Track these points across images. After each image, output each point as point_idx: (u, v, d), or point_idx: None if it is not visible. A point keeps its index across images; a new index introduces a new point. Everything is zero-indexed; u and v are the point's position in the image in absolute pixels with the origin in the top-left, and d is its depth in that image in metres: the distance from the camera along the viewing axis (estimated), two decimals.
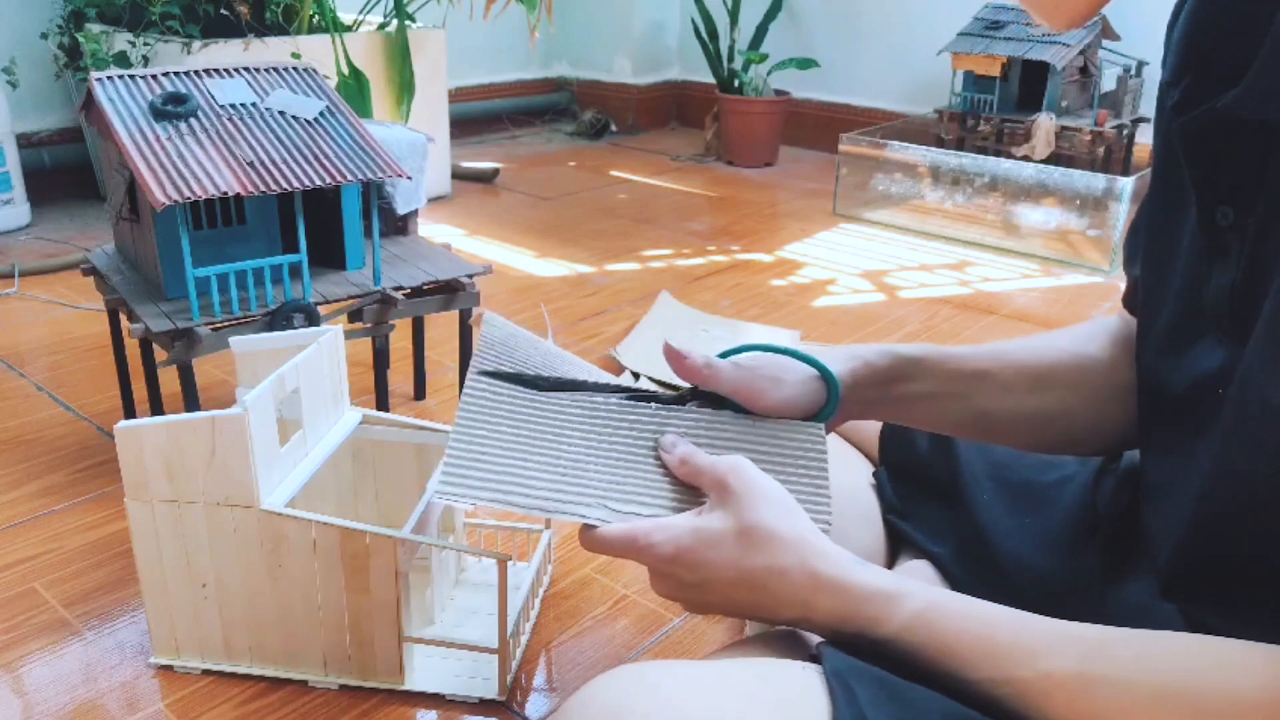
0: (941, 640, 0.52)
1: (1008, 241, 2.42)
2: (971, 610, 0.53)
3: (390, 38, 2.45)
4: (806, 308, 2.00)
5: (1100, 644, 0.50)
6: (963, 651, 0.51)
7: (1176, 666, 0.48)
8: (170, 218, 1.16)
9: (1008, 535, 0.76)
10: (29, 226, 2.38)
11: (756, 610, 0.57)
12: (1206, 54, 0.54)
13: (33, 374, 1.64)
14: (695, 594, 0.58)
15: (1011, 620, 0.52)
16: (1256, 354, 0.47)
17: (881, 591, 0.54)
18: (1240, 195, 0.50)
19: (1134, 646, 0.49)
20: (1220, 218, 0.52)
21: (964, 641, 0.51)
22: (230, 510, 0.91)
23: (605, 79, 3.69)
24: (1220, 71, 0.51)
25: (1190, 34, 0.56)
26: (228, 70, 1.29)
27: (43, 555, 1.17)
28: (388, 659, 0.95)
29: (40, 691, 0.96)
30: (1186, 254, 0.57)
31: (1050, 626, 0.51)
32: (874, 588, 0.54)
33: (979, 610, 0.53)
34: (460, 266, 1.37)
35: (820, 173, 3.07)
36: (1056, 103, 2.60)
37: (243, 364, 1.02)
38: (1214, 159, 0.53)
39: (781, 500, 0.58)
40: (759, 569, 0.56)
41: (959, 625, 0.52)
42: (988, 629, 0.51)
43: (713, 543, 0.57)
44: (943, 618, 0.53)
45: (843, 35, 3.30)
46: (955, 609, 0.53)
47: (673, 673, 0.49)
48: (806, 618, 0.55)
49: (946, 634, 0.52)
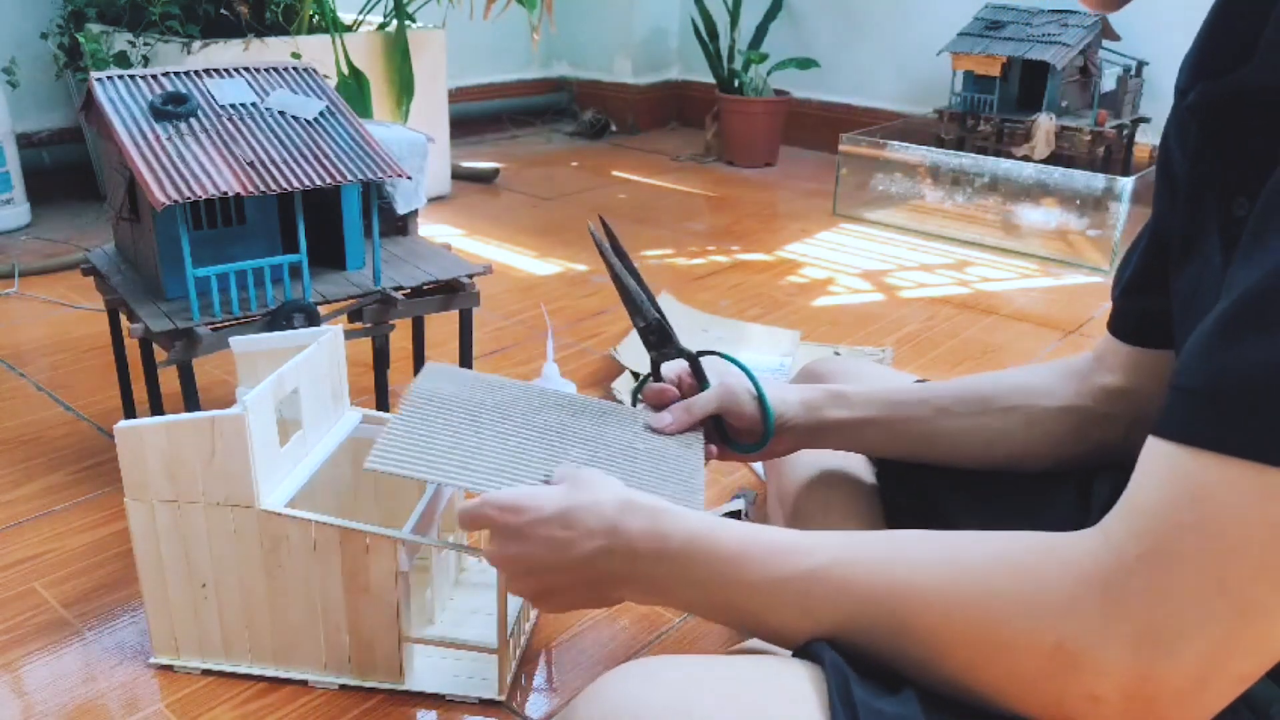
0: (724, 545, 0.57)
1: (1007, 241, 2.42)
2: (752, 527, 0.58)
3: (390, 38, 2.45)
4: (806, 308, 2.00)
5: (860, 536, 0.55)
6: (749, 554, 0.56)
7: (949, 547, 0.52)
8: (170, 218, 1.16)
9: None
10: (29, 226, 2.38)
11: (563, 549, 0.62)
12: (1219, 55, 0.56)
13: (33, 374, 1.64)
14: (516, 545, 0.64)
15: (783, 531, 0.58)
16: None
17: (672, 508, 0.61)
18: (1255, 184, 0.51)
19: (890, 537, 0.54)
20: (1237, 209, 0.53)
21: (745, 546, 0.56)
22: (230, 510, 0.91)
23: (605, 79, 3.69)
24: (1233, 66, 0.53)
25: (1206, 44, 0.58)
26: (228, 70, 1.29)
27: (43, 555, 1.17)
28: (388, 659, 0.95)
29: (40, 691, 0.96)
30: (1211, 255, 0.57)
31: (820, 533, 0.57)
32: (668, 505, 0.61)
33: (758, 527, 0.58)
34: (460, 266, 1.37)
35: (820, 173, 3.07)
36: (1056, 103, 2.59)
37: (243, 364, 1.02)
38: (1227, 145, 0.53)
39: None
40: (575, 504, 0.63)
41: (741, 532, 0.58)
42: (764, 532, 0.57)
43: (539, 492, 0.66)
44: (728, 526, 0.58)
45: (843, 35, 3.30)
46: (741, 524, 0.59)
47: (681, 667, 0.50)
48: (609, 545, 0.61)
49: (729, 539, 0.57)
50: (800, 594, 0.53)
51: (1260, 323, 0.42)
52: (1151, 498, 0.44)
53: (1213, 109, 0.55)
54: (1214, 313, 0.44)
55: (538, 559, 0.63)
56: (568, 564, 0.62)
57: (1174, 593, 0.43)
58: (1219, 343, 0.43)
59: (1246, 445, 0.41)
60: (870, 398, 0.83)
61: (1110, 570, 0.44)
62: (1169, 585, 0.43)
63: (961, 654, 0.48)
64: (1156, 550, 0.43)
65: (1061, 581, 0.46)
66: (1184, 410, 0.44)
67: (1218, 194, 0.55)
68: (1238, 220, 0.52)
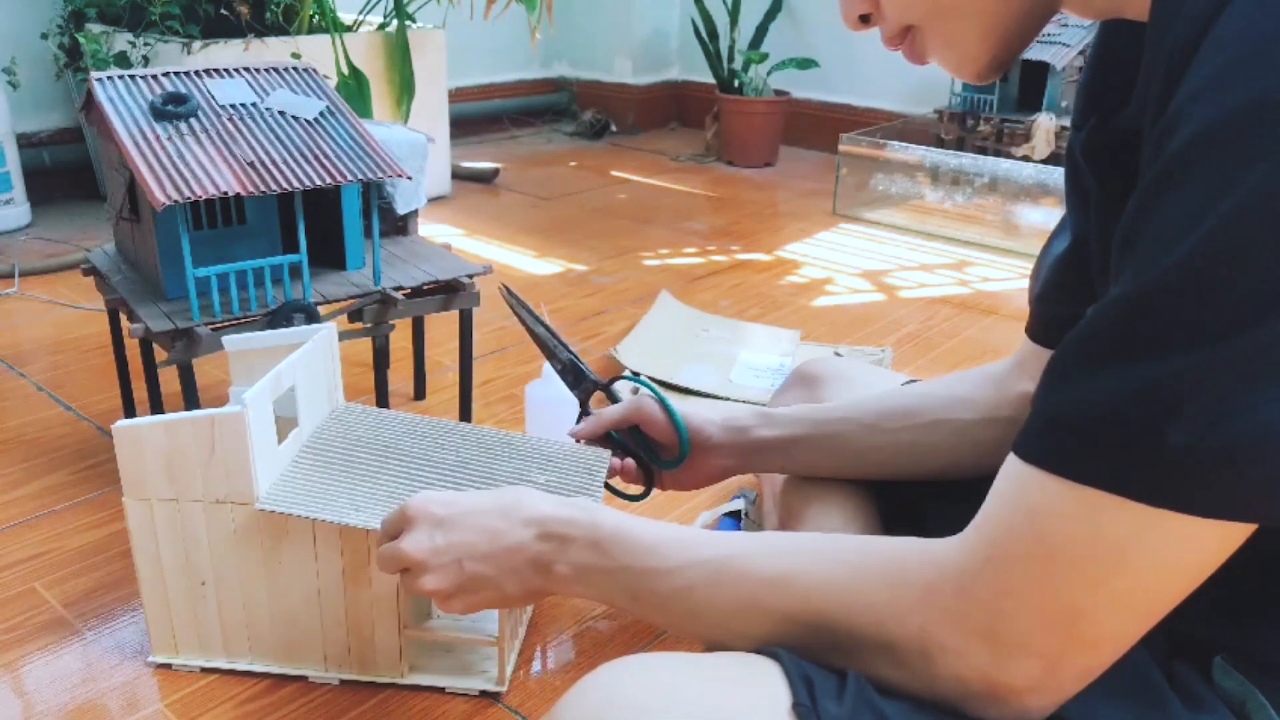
0: (647, 533, 0.61)
1: (1007, 241, 2.42)
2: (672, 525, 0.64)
3: (390, 38, 2.46)
4: (806, 308, 2.00)
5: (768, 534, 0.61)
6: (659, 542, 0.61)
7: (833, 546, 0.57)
8: (170, 218, 1.16)
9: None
10: (29, 226, 2.39)
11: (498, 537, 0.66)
12: (1103, 94, 0.61)
13: (33, 374, 1.64)
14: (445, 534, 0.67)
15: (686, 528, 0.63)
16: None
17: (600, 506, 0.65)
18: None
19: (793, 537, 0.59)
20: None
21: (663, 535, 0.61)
22: (230, 508, 0.91)
23: (605, 79, 3.69)
24: (1116, 105, 0.57)
25: (1089, 82, 0.63)
26: (228, 70, 1.29)
27: (43, 555, 1.17)
28: (388, 653, 0.95)
29: (40, 691, 0.96)
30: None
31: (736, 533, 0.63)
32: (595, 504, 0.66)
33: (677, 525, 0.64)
34: (460, 266, 1.37)
35: (820, 173, 3.07)
36: (1056, 103, 2.60)
37: (236, 363, 1.02)
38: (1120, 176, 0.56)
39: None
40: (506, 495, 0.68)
41: (662, 525, 0.63)
42: (683, 529, 0.62)
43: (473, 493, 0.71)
44: (650, 521, 0.63)
45: (843, 35, 3.29)
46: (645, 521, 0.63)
47: (668, 664, 0.51)
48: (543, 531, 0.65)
49: (651, 528, 0.62)
50: (707, 577, 0.57)
51: (1091, 357, 0.45)
52: (1001, 509, 0.49)
53: (1101, 147, 0.59)
54: (1065, 339, 0.48)
55: (468, 546, 0.66)
56: (498, 551, 0.65)
57: (1014, 598, 0.47)
58: (1062, 371, 0.47)
59: (1078, 470, 0.45)
60: (796, 416, 0.87)
61: (962, 570, 0.49)
62: (1010, 591, 0.47)
63: (844, 635, 0.53)
64: (1001, 558, 0.48)
65: (922, 573, 0.51)
66: (1033, 432, 0.48)
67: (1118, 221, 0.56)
68: None
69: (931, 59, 0.60)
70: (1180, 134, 0.43)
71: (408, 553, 0.68)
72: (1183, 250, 0.41)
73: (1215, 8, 0.43)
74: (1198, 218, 0.41)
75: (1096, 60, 0.62)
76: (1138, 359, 0.43)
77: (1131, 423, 0.43)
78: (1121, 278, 0.45)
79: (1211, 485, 0.42)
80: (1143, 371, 0.43)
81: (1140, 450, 0.43)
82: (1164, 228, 0.43)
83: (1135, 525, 0.44)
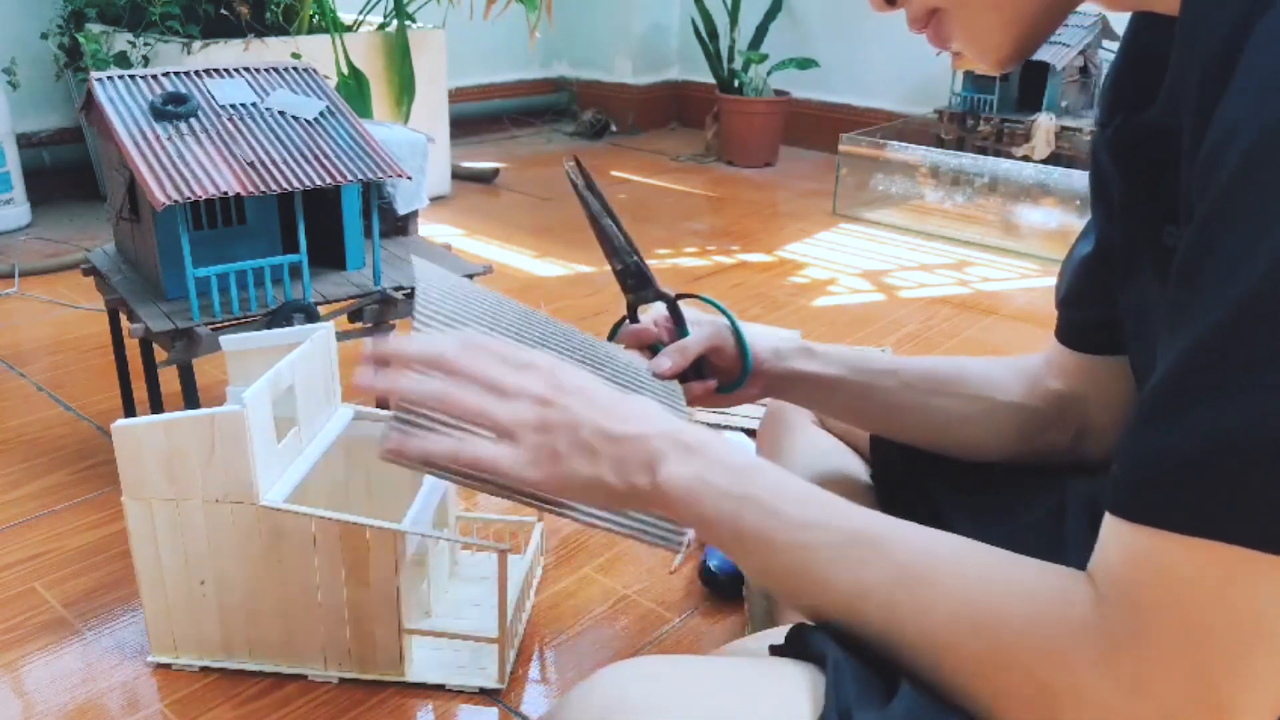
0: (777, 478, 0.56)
1: (1007, 241, 2.42)
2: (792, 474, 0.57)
3: (390, 38, 2.46)
4: (806, 308, 2.00)
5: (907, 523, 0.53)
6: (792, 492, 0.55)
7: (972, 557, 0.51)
8: (170, 218, 1.16)
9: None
10: (29, 226, 2.39)
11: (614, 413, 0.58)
12: (1131, 92, 0.58)
13: (33, 374, 1.64)
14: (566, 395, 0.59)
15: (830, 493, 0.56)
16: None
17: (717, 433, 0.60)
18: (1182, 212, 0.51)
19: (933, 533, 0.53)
20: (1166, 238, 0.54)
21: (794, 485, 0.55)
22: (229, 507, 0.91)
23: (605, 79, 3.69)
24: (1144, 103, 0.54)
25: (1117, 79, 0.61)
26: (228, 70, 1.30)
27: (43, 555, 1.17)
28: (388, 651, 0.95)
29: (40, 691, 0.96)
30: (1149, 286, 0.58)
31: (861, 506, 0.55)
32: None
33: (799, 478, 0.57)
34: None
35: (820, 173, 3.07)
36: (1056, 103, 2.60)
37: (234, 363, 1.02)
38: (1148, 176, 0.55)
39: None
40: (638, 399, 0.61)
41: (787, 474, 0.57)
42: (811, 485, 0.56)
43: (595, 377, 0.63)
44: (775, 467, 0.57)
45: (843, 35, 3.30)
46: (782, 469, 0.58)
47: (673, 666, 0.50)
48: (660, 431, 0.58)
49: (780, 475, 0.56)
50: (835, 545, 0.53)
51: (1178, 402, 0.42)
52: (1121, 570, 0.45)
53: (1129, 144, 0.57)
54: (1149, 387, 0.44)
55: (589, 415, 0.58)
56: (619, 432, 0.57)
57: (1156, 673, 0.43)
58: (1144, 422, 0.44)
59: (1189, 521, 0.41)
60: (838, 357, 0.84)
61: (1103, 630, 0.45)
62: (1150, 660, 0.43)
63: (957, 660, 0.49)
64: (1138, 622, 0.44)
65: (1063, 629, 0.46)
66: (1125, 486, 0.44)
67: (1146, 221, 0.55)
68: (1168, 249, 0.53)
69: (954, 45, 0.59)
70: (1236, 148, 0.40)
71: (523, 387, 0.59)
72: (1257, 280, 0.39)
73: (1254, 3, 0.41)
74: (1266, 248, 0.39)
75: (1125, 57, 0.61)
76: (1228, 395, 0.40)
77: (1233, 464, 0.40)
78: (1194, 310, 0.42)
79: None
80: (1238, 410, 0.40)
81: (1252, 493, 0.40)
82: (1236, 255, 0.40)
83: (1268, 582, 0.40)
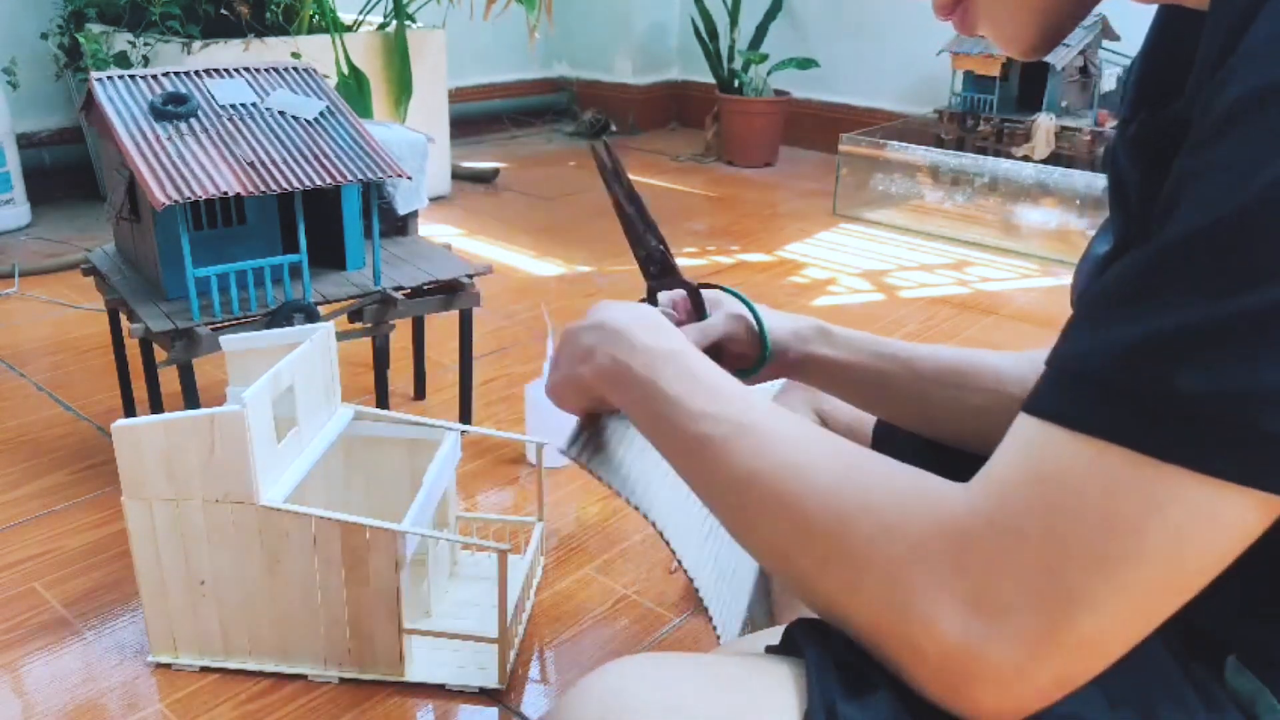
0: (690, 368, 0.59)
1: (1007, 241, 2.42)
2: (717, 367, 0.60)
3: (390, 38, 2.46)
4: (806, 308, 2.00)
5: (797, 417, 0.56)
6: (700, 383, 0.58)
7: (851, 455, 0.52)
8: (170, 218, 1.16)
9: None
10: (29, 226, 2.39)
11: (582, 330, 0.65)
12: (1157, 86, 0.58)
13: (33, 374, 1.64)
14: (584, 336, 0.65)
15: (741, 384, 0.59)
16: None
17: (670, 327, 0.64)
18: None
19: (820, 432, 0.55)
20: None
21: (704, 377, 0.59)
22: (229, 507, 0.91)
23: (605, 79, 3.69)
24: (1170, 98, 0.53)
25: (1143, 73, 0.60)
26: (228, 70, 1.29)
27: (43, 555, 1.17)
28: (388, 651, 0.95)
29: (40, 691, 0.96)
30: None
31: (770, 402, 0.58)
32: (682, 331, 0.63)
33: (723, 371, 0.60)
34: (460, 266, 1.37)
35: (820, 173, 3.07)
36: (1056, 103, 2.60)
37: (233, 363, 1.02)
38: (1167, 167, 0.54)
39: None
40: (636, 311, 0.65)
41: (706, 365, 0.60)
42: (725, 377, 0.59)
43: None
44: (699, 357, 0.61)
45: (843, 35, 3.30)
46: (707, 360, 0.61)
47: (670, 666, 0.50)
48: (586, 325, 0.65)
49: (694, 366, 0.59)
50: (724, 435, 0.55)
51: (1107, 309, 0.43)
52: (1007, 467, 0.45)
53: (1149, 141, 0.56)
54: (1081, 295, 0.45)
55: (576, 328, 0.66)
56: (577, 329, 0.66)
57: (1009, 566, 0.43)
58: (1076, 324, 0.44)
59: (1088, 422, 0.42)
60: (853, 343, 0.84)
61: (962, 526, 0.45)
62: (1006, 557, 0.43)
63: (818, 550, 0.50)
64: (1003, 520, 0.44)
65: (921, 520, 0.46)
66: (1043, 386, 0.45)
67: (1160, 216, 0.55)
68: None
69: (981, 31, 0.59)
70: (1229, 92, 0.40)
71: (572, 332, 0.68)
72: (1217, 210, 0.40)
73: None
74: (1237, 181, 0.39)
75: (1150, 51, 0.60)
76: (1152, 306, 0.41)
77: (1141, 369, 0.40)
78: (1155, 234, 0.43)
79: (1229, 445, 0.39)
80: (1155, 318, 0.40)
81: (1150, 399, 0.40)
82: (1205, 188, 0.41)
83: (1151, 489, 0.40)
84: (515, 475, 1.37)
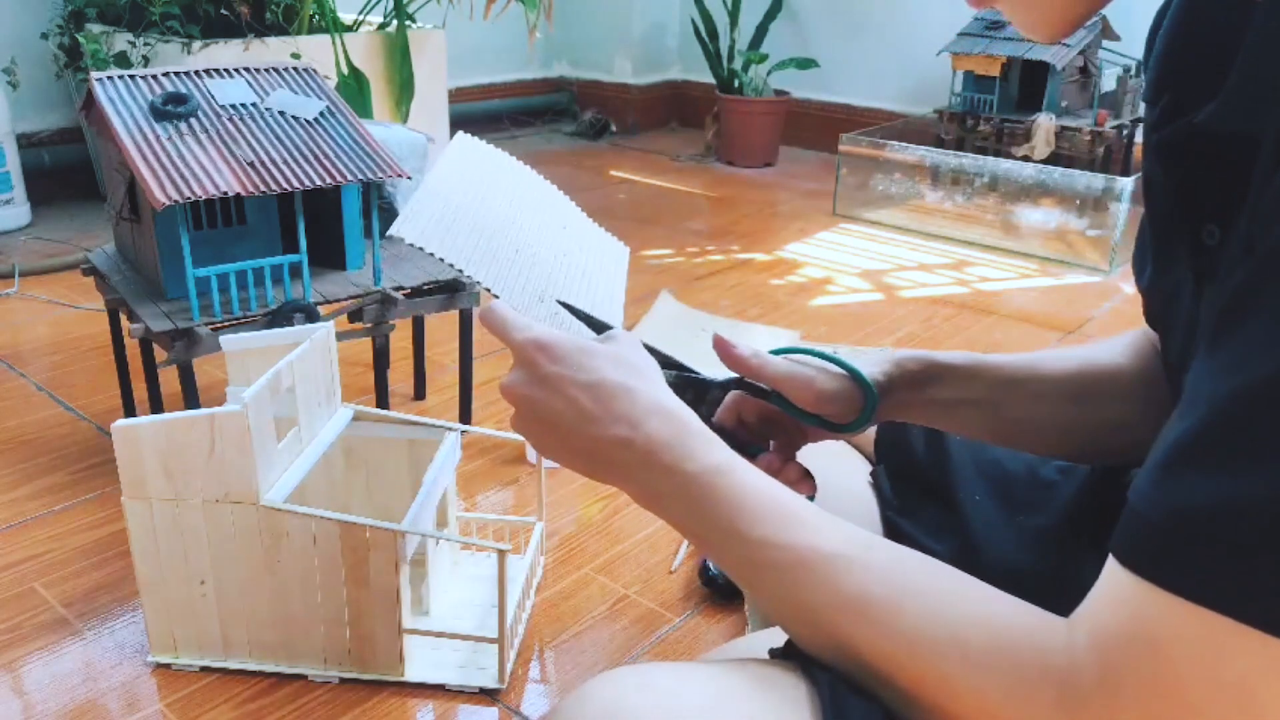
0: (740, 489, 0.54)
1: (1007, 241, 2.42)
2: (772, 482, 0.55)
3: (390, 38, 2.46)
4: (806, 307, 2.00)
5: (873, 541, 0.52)
6: (753, 505, 0.53)
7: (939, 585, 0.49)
8: (170, 218, 1.16)
9: (995, 535, 0.76)
10: (29, 226, 2.39)
11: (585, 422, 0.58)
12: (1183, 71, 0.54)
13: (33, 374, 1.64)
14: (540, 392, 0.59)
15: (805, 502, 0.55)
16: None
17: (705, 433, 0.57)
18: (1225, 213, 0.49)
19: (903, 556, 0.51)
20: (1207, 237, 0.51)
21: (758, 498, 0.54)
22: (229, 507, 0.91)
23: (605, 79, 3.69)
24: (1197, 87, 0.51)
25: (1167, 52, 0.56)
26: (228, 70, 1.30)
27: (43, 555, 1.17)
28: (388, 651, 0.95)
29: (40, 691, 0.96)
30: (1183, 279, 0.56)
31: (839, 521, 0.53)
32: (701, 427, 0.58)
33: (778, 486, 0.55)
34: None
35: (820, 173, 3.07)
36: (1056, 103, 2.60)
37: (233, 363, 1.02)
38: (1195, 175, 0.52)
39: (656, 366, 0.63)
40: (615, 382, 0.58)
41: (758, 483, 0.54)
42: (783, 495, 0.54)
43: (586, 350, 0.60)
44: (748, 472, 0.55)
45: (843, 35, 3.30)
46: (759, 474, 0.56)
47: (670, 673, 0.49)
48: (630, 438, 0.57)
49: (745, 485, 0.54)
50: (786, 568, 0.52)
51: (1210, 457, 0.40)
52: (1109, 620, 0.43)
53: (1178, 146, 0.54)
54: (1171, 434, 0.42)
55: (555, 414, 0.59)
56: (582, 435, 0.59)
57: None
58: (1171, 471, 0.41)
59: (1196, 588, 0.39)
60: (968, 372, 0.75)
61: (1069, 677, 0.43)
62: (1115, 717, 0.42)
63: (904, 686, 0.48)
64: (1109, 676, 0.42)
65: (1027, 669, 0.45)
66: (1137, 535, 0.42)
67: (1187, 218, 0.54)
68: (1207, 249, 0.51)
69: (1000, 5, 0.56)
70: None
71: (506, 391, 0.62)
72: None
73: None
74: None
75: (1177, 28, 0.56)
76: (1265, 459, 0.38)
77: (1263, 533, 0.37)
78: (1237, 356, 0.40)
79: None
80: (1272, 474, 0.37)
81: (1265, 568, 0.38)
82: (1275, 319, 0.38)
83: (1262, 661, 0.38)
84: (515, 475, 1.37)
